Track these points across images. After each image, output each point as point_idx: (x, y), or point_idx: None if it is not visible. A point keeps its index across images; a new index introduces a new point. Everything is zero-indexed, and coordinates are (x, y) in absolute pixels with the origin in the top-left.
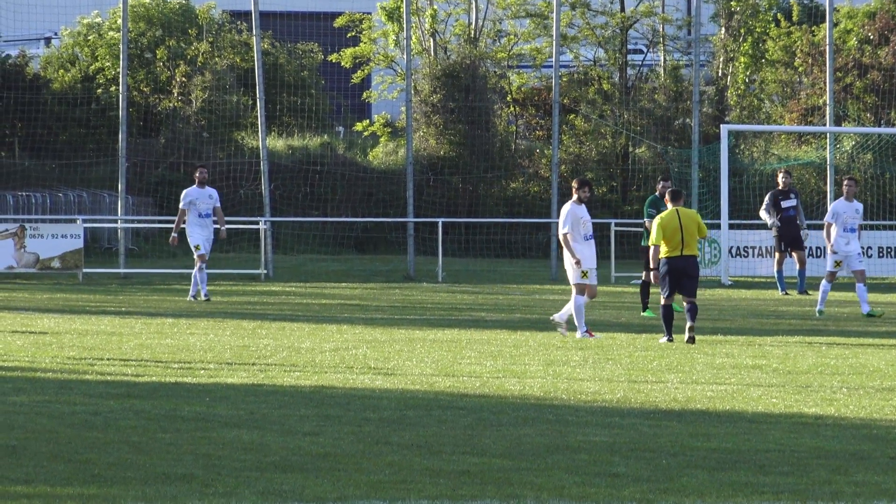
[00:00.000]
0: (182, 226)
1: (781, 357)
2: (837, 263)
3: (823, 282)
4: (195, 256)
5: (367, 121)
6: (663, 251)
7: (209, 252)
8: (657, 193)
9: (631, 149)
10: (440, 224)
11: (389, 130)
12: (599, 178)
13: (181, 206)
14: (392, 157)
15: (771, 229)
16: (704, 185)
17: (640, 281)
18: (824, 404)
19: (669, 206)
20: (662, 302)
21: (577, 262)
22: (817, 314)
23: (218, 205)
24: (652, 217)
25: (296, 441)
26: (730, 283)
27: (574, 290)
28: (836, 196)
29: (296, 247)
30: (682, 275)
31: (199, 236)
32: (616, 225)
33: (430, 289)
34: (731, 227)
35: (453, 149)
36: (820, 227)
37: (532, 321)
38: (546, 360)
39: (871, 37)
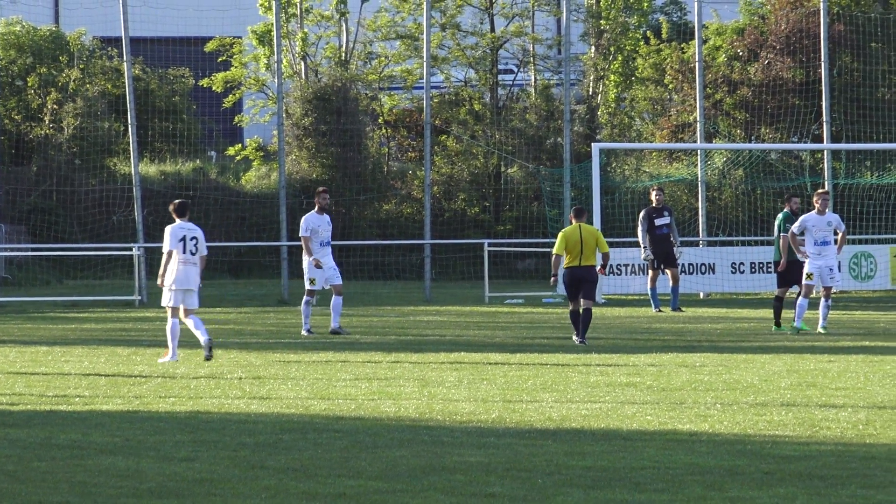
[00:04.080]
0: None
1: (655, 374)
2: (809, 276)
3: (800, 298)
4: (307, 288)
5: (240, 145)
6: (565, 261)
7: (339, 282)
8: (788, 209)
9: (503, 169)
10: None
11: (262, 154)
12: (472, 198)
13: (303, 234)
14: (265, 180)
15: (644, 252)
16: (577, 203)
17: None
18: (698, 420)
19: (573, 221)
20: (570, 307)
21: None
22: (790, 330)
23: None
24: (787, 232)
25: (171, 467)
26: (603, 300)
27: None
28: (709, 212)
29: None
30: (582, 281)
31: (317, 269)
32: (489, 245)
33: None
34: None
35: (326, 171)
36: (694, 245)
37: (407, 342)
38: (421, 382)
39: (741, 53)
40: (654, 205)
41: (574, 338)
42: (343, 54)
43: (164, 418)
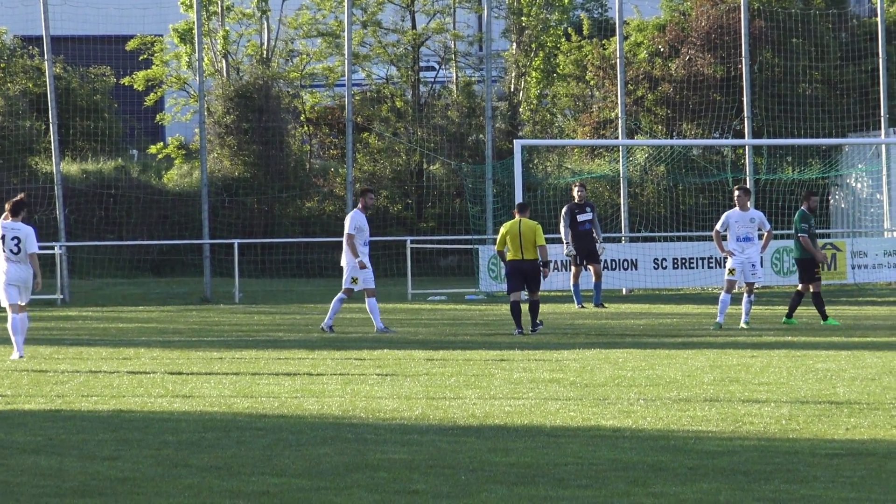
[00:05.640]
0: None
1: (578, 370)
2: (731, 272)
3: (722, 293)
4: (344, 286)
5: (161, 143)
6: (508, 255)
7: (373, 286)
8: (805, 208)
9: (425, 166)
10: (236, 245)
11: (184, 152)
12: (394, 195)
13: (350, 231)
14: (187, 178)
15: (566, 248)
16: (499, 200)
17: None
18: (622, 416)
19: (516, 216)
20: (511, 299)
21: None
22: (713, 326)
23: None
24: (805, 231)
25: (95, 466)
26: (525, 296)
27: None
28: (631, 208)
29: (92, 271)
30: (525, 274)
31: (361, 269)
32: (412, 242)
33: (227, 310)
34: None
35: (248, 169)
36: (616, 241)
37: (330, 340)
38: (344, 379)
39: (662, 49)
40: (576, 201)
41: (514, 331)
42: (264, 52)
43: (87, 417)
